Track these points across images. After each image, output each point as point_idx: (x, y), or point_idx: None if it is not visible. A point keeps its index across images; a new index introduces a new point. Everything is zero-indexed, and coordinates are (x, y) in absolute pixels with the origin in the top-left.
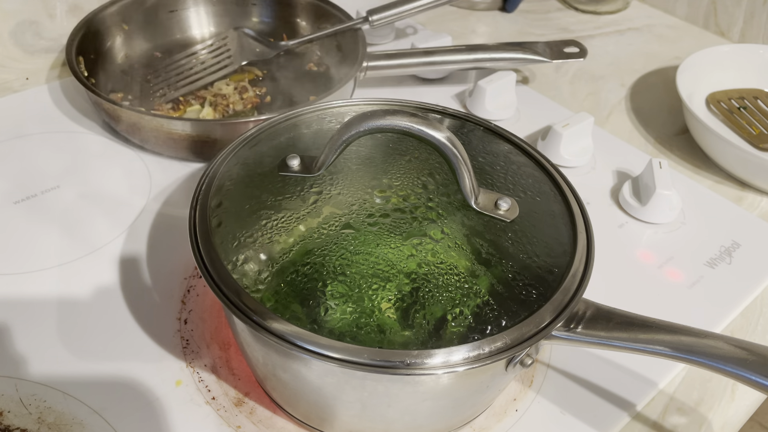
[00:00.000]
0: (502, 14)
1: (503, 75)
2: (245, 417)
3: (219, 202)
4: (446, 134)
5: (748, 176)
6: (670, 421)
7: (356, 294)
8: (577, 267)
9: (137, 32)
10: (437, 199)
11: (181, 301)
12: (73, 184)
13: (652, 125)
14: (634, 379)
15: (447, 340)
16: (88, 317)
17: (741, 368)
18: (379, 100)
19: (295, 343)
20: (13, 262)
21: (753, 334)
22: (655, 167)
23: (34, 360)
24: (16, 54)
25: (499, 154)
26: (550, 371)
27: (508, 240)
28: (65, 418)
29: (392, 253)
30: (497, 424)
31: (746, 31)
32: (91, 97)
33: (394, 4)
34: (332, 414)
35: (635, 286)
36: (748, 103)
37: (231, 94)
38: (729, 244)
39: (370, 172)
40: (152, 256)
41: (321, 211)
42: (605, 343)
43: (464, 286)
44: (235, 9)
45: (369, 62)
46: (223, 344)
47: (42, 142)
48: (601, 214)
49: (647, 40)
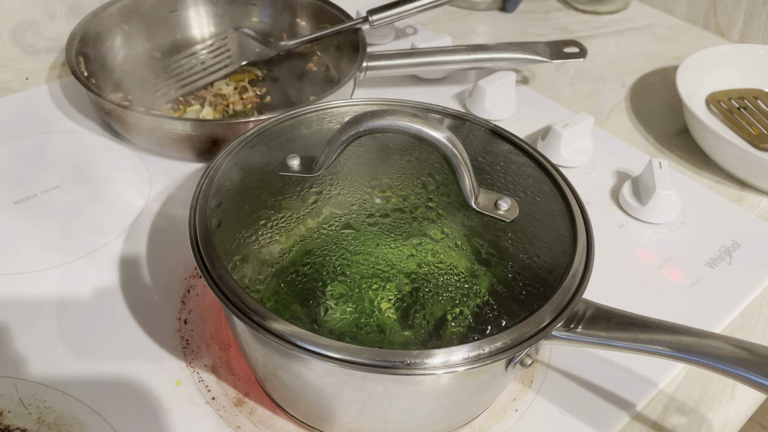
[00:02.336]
0: (502, 14)
1: (503, 75)
2: (245, 417)
3: (219, 202)
4: (446, 134)
5: (748, 176)
6: (670, 421)
7: (356, 294)
8: (577, 267)
9: (137, 32)
10: (437, 199)
11: (181, 301)
12: (73, 184)
13: (652, 125)
14: (634, 379)
15: (447, 340)
16: (88, 317)
17: (741, 368)
18: (379, 100)
19: (295, 343)
20: (13, 262)
21: (753, 334)
22: (655, 167)
23: (34, 360)
24: (16, 54)
25: (499, 154)
26: (550, 371)
27: (508, 240)
28: (65, 418)
29: (392, 253)
30: (497, 424)
31: (746, 31)
32: (91, 97)
33: (394, 4)
34: (332, 414)
35: (635, 286)
36: (748, 103)
37: (231, 94)
38: (729, 244)
39: (370, 172)
40: (152, 256)
41: (321, 211)
42: (605, 343)
43: (464, 286)
44: (235, 9)
45: (369, 62)
46: (223, 344)
47: (42, 142)
48: (601, 214)
49: (647, 40)
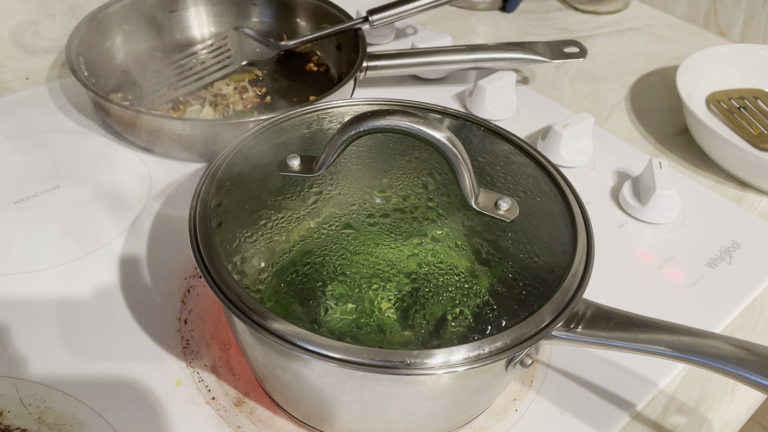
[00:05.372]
0: (502, 14)
1: (503, 75)
2: (245, 417)
3: (219, 202)
4: (446, 134)
5: (748, 176)
6: (670, 421)
7: (356, 294)
8: (577, 267)
9: (137, 32)
10: (437, 199)
11: (181, 301)
12: (73, 184)
13: (652, 125)
14: (634, 379)
15: (447, 340)
16: (88, 317)
17: (741, 368)
18: (379, 100)
19: (295, 343)
20: (13, 262)
21: (753, 334)
22: (655, 167)
23: (34, 360)
24: (16, 54)
25: (499, 154)
26: (550, 371)
27: (508, 240)
28: (65, 418)
29: (392, 253)
30: (497, 424)
31: (746, 31)
32: (91, 97)
33: (394, 4)
34: (332, 414)
35: (635, 286)
36: (748, 103)
37: (231, 94)
38: (729, 244)
39: (370, 172)
40: (152, 256)
41: (321, 211)
42: (605, 343)
43: (464, 286)
44: (235, 9)
45: (369, 62)
46: (223, 344)
47: (42, 142)
48: (601, 214)
49: (647, 40)
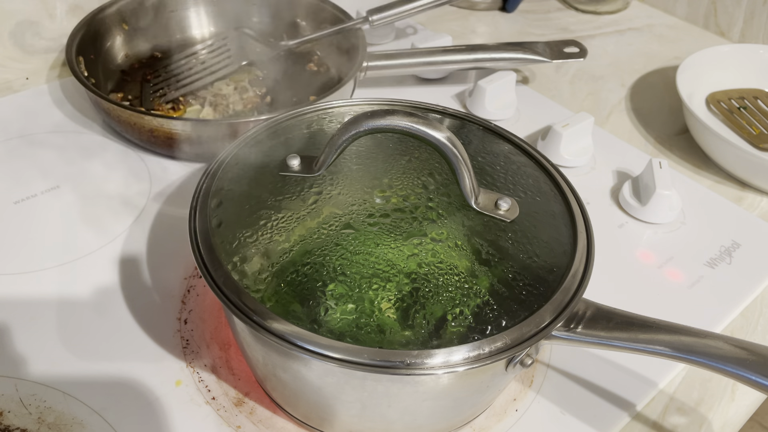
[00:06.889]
0: (502, 14)
1: (503, 75)
2: (245, 417)
3: (219, 202)
4: (446, 134)
5: (748, 176)
6: (670, 421)
7: (356, 294)
8: (577, 267)
9: (137, 32)
10: (437, 199)
11: (181, 301)
12: (73, 184)
13: (652, 125)
14: (634, 379)
15: (447, 340)
16: (88, 317)
17: (741, 368)
18: (379, 100)
19: (295, 343)
20: (13, 262)
21: (753, 334)
22: (655, 167)
23: (34, 360)
24: (16, 54)
25: (499, 154)
26: (550, 371)
27: (508, 240)
28: (65, 418)
29: (392, 253)
30: (497, 424)
31: (746, 31)
32: (91, 97)
33: (394, 4)
34: (332, 414)
35: (635, 286)
36: (748, 103)
37: (231, 94)
38: (729, 244)
39: (370, 172)
40: (152, 256)
41: (321, 211)
42: (605, 343)
43: (464, 286)
44: (235, 9)
45: (369, 62)
46: (223, 344)
47: (42, 142)
48: (601, 214)
49: (647, 40)
